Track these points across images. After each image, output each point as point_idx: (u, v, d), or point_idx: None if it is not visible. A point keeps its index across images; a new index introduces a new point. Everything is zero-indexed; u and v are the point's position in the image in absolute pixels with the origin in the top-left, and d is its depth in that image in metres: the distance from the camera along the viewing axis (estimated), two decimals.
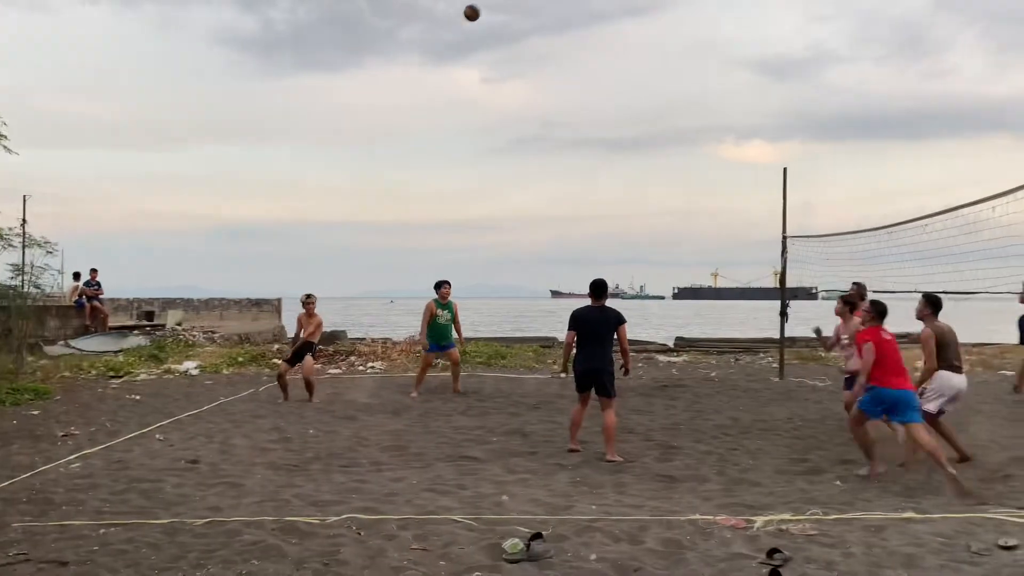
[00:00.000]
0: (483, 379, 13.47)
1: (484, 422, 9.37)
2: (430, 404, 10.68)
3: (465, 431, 8.80)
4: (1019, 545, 4.56)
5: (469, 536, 4.89)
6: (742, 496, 6.07)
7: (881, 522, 5.11)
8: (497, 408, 10.38)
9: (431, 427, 9.06)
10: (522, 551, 4.51)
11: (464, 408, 10.39)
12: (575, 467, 7.09)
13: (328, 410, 10.24)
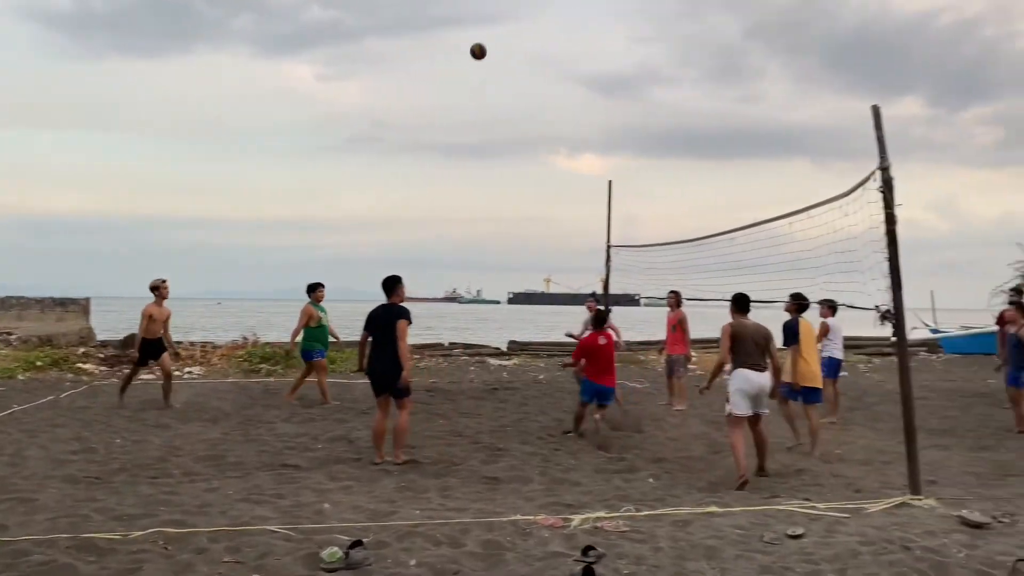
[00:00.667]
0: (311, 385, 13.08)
1: (308, 429, 9.10)
2: (251, 411, 10.25)
3: (288, 438, 8.51)
4: (805, 534, 4.97)
5: (286, 547, 4.72)
6: (562, 495, 6.26)
7: (688, 516, 5.42)
8: (323, 414, 10.12)
9: (251, 435, 8.70)
10: (340, 559, 4.41)
11: (288, 415, 10.05)
12: (401, 472, 7.02)
13: (138, 418, 9.57)
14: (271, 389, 12.26)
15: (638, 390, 13.06)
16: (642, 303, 16.89)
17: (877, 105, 6.22)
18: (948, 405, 11.74)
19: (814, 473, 7.25)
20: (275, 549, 4.65)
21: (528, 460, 7.62)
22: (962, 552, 4.56)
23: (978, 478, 7.20)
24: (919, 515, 5.43)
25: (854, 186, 6.51)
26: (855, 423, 10.26)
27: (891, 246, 6.12)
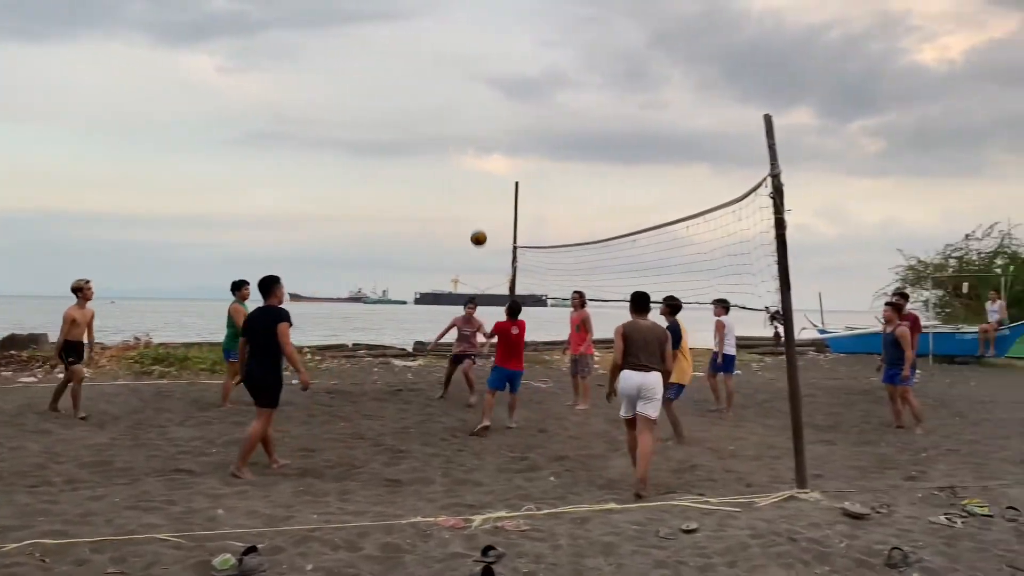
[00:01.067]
0: (207, 387, 12.65)
1: (204, 432, 8.79)
2: (141, 415, 9.81)
3: (181, 443, 8.20)
4: (699, 528, 5.12)
5: (175, 555, 4.54)
6: (464, 496, 6.26)
7: (586, 514, 5.50)
8: (220, 417, 9.78)
9: (141, 439, 8.33)
10: (233, 566, 4.28)
11: (182, 418, 9.68)
12: (299, 476, 6.87)
13: (16, 423, 9.01)
14: (164, 391, 11.78)
15: (542, 389, 13.18)
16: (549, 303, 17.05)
17: (769, 115, 6.47)
18: (834, 402, 12.32)
19: (708, 468, 7.49)
20: (163, 558, 4.47)
21: (430, 461, 7.58)
22: (843, 542, 4.79)
23: (860, 471, 7.58)
24: (805, 508, 5.67)
25: (747, 192, 6.75)
26: (747, 420, 10.65)
27: (780, 250, 6.37)
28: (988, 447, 8.85)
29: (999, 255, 24.99)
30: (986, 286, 21.30)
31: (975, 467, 7.76)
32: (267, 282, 7.11)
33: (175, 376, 13.85)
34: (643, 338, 6.83)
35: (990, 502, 5.86)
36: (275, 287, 7.10)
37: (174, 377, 13.75)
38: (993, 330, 18.14)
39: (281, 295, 7.17)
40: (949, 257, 25.71)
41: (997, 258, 24.92)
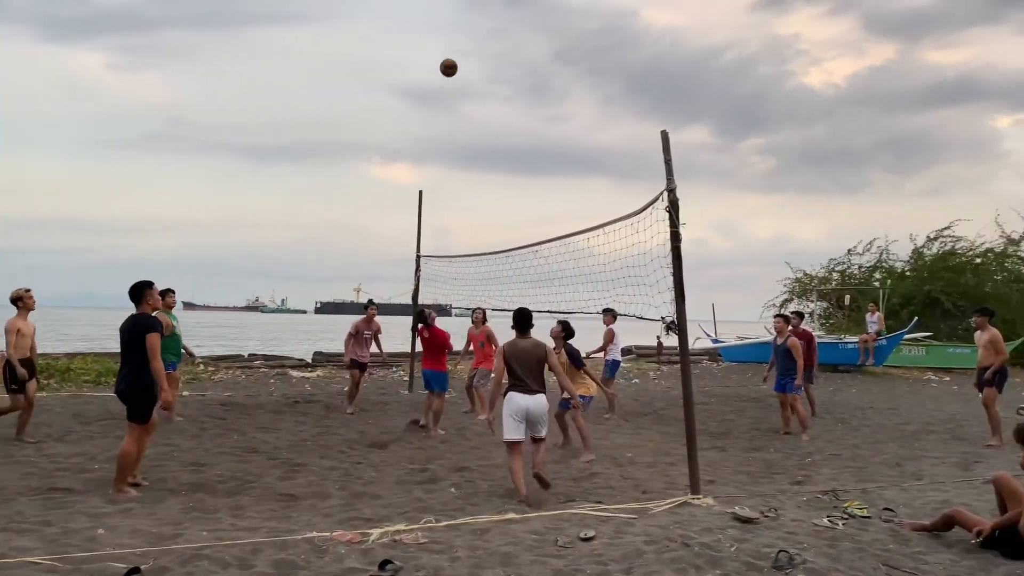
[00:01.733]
0: (90, 399, 12.02)
1: (85, 448, 8.33)
2: (13, 431, 9.21)
3: (59, 460, 7.74)
4: (596, 536, 5.19)
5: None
6: (362, 509, 6.14)
7: (486, 525, 5.49)
8: (102, 432, 9.30)
9: (16, 456, 7.83)
10: None
11: (61, 433, 9.16)
12: (188, 492, 6.60)
13: None
14: (43, 405, 11.11)
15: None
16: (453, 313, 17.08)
17: (665, 131, 6.66)
18: (726, 409, 12.75)
19: (606, 476, 7.60)
20: None
21: (328, 475, 7.41)
22: (734, 546, 4.95)
23: (750, 476, 7.86)
24: (698, 513, 5.83)
25: (644, 206, 6.92)
26: (645, 427, 10.90)
27: (676, 262, 6.56)
28: (867, 451, 9.34)
29: (878, 269, 26.51)
30: (866, 298, 22.53)
31: (856, 471, 8.16)
32: (138, 288, 6.66)
33: (55, 389, 13.11)
34: (526, 360, 6.85)
35: (868, 504, 6.18)
36: (147, 293, 6.66)
37: (54, 390, 13.01)
38: (872, 340, 19.18)
39: (154, 302, 6.79)
40: (833, 271, 27.08)
41: (876, 272, 26.42)
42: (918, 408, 13.46)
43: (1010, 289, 23.63)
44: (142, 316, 6.60)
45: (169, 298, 10.15)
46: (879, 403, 14.09)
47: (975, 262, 24.84)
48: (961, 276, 23.85)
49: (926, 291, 23.55)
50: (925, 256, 25.57)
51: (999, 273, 24.97)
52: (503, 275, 12.76)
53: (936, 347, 21.47)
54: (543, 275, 10.98)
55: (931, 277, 24.25)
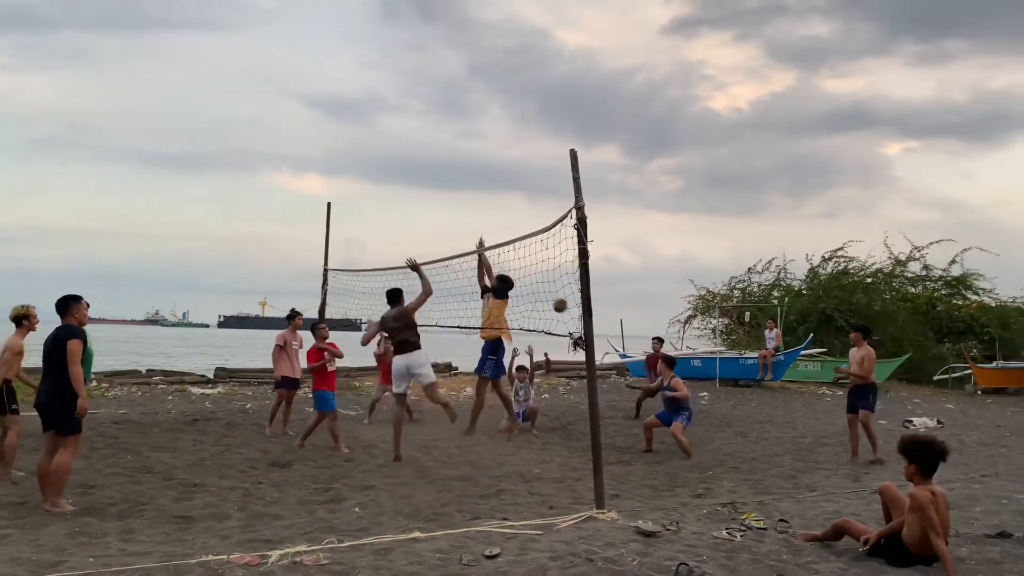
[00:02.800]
0: None
1: None
2: None
3: None
4: (501, 553, 5.18)
5: None
6: (262, 531, 5.96)
7: (390, 544, 5.40)
8: None
9: None
10: None
11: None
12: (75, 516, 6.26)
13: None
14: None
15: (351, 417, 12.90)
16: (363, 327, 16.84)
17: (574, 150, 6.77)
18: (632, 424, 12.97)
19: (513, 493, 7.62)
20: None
21: (227, 495, 7.16)
22: (636, 560, 5.01)
23: (653, 489, 8.02)
24: (602, 528, 5.89)
25: (553, 222, 7.01)
26: (553, 443, 10.98)
27: (583, 278, 6.65)
28: (765, 464, 9.67)
29: (776, 287, 27.61)
30: (765, 315, 23.39)
31: (754, 483, 8.43)
32: (64, 302, 6.73)
33: None
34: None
35: (765, 516, 6.38)
36: (72, 307, 6.73)
37: None
38: (770, 356, 19.91)
39: (81, 316, 6.77)
40: (734, 288, 28.05)
41: (774, 290, 27.51)
42: (813, 421, 14.02)
43: (897, 307, 24.96)
44: (67, 325, 6.59)
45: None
46: (777, 417, 14.61)
47: (866, 281, 26.15)
48: (853, 295, 25.05)
49: (821, 308, 24.63)
50: (820, 275, 26.76)
51: (887, 292, 26.36)
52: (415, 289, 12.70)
53: (830, 362, 22.43)
54: (455, 289, 10.98)
55: (825, 295, 25.38)
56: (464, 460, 9.44)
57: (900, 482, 5.71)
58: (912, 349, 22.94)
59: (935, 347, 25.12)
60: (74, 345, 6.44)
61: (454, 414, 9.68)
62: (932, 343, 25.17)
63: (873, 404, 10.05)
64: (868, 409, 9.92)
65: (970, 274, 26.33)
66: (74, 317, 6.68)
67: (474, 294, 11.20)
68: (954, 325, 25.83)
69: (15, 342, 7.78)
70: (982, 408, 17.49)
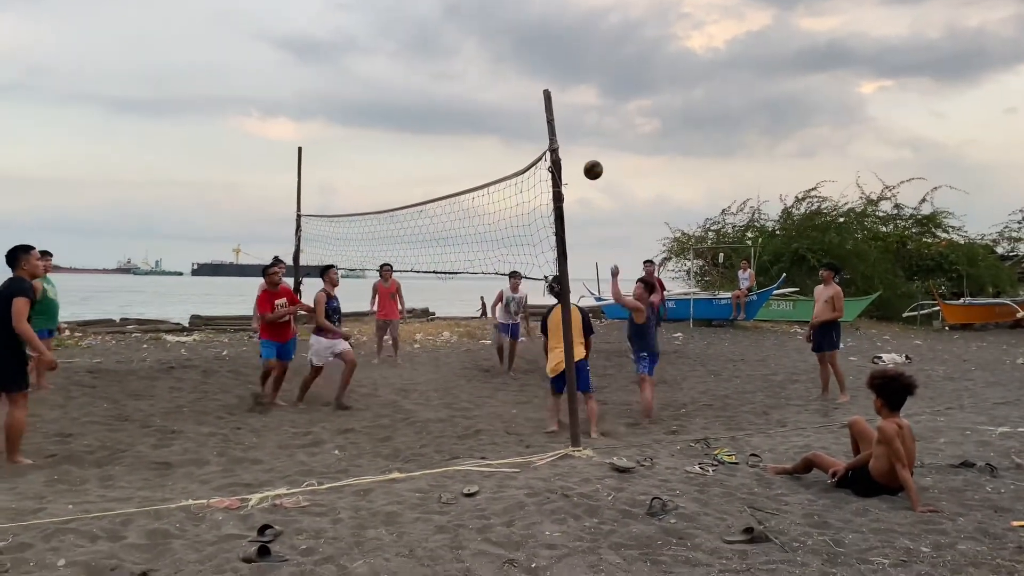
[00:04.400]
0: None
1: None
2: None
3: None
4: (479, 491, 5.27)
5: None
6: (241, 475, 6.02)
7: (369, 485, 5.48)
8: None
9: None
10: None
11: None
12: (53, 464, 6.27)
13: None
14: None
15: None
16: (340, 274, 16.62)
17: (548, 90, 6.68)
18: (607, 364, 13.12)
19: (491, 433, 7.72)
20: None
21: (205, 441, 7.20)
22: (611, 495, 5.13)
23: (628, 427, 8.16)
24: (578, 465, 6.00)
25: (527, 166, 6.96)
26: (530, 384, 11.10)
27: (558, 222, 6.64)
28: (737, 401, 9.86)
29: (750, 228, 27.74)
30: (739, 256, 23.57)
31: (726, 420, 8.61)
32: (13, 253, 6.44)
33: None
34: None
35: (737, 451, 6.53)
36: (22, 258, 6.41)
37: None
38: (744, 296, 20.12)
39: (32, 268, 6.49)
40: (709, 230, 28.15)
41: (748, 231, 27.65)
42: (784, 359, 14.26)
43: (869, 246, 25.21)
44: (15, 279, 6.31)
45: (47, 260, 9.43)
46: (749, 355, 14.84)
47: (838, 221, 26.35)
48: (825, 234, 25.24)
49: (794, 249, 24.82)
50: (793, 216, 26.91)
51: (859, 231, 26.59)
52: (388, 235, 12.61)
53: (802, 302, 22.73)
54: (429, 235, 10.90)
55: (798, 235, 25.55)
56: (442, 403, 9.53)
57: (869, 416, 5.86)
58: (882, 287, 23.26)
59: (904, 285, 25.49)
60: (20, 304, 6.17)
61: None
62: (902, 281, 25.52)
63: (838, 341, 10.15)
64: (833, 347, 10.04)
65: (940, 212, 26.60)
66: (24, 269, 6.41)
67: (448, 239, 11.13)
68: (923, 263, 26.18)
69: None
70: (949, 343, 17.87)
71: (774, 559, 4.03)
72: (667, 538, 4.33)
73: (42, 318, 9.16)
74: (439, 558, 4.01)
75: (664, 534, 4.39)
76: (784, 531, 4.45)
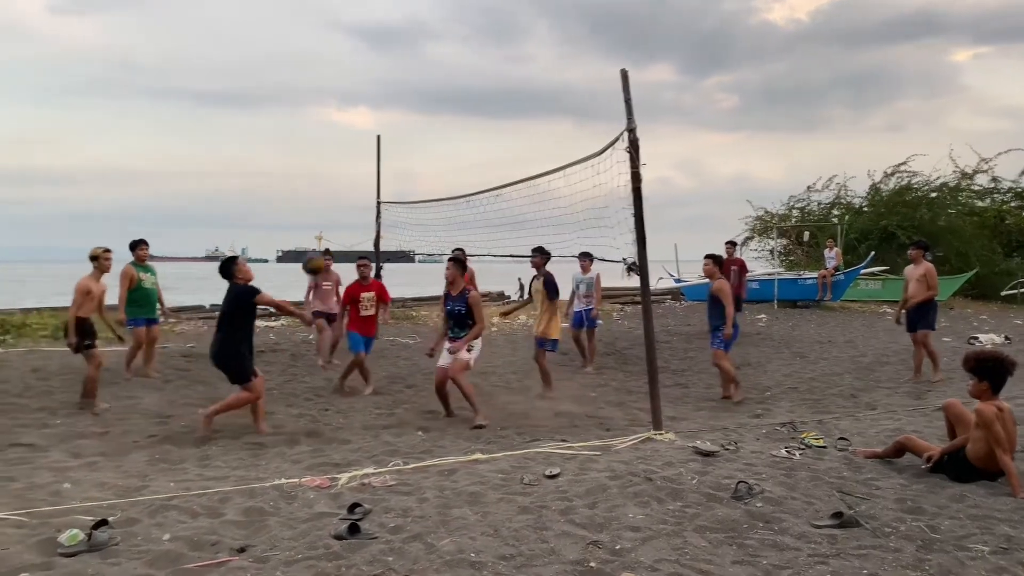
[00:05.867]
0: (48, 355, 11.83)
1: (46, 403, 8.23)
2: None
3: (20, 415, 7.65)
4: (561, 473, 5.30)
5: (17, 534, 4.26)
6: (330, 455, 6.20)
7: (453, 466, 5.57)
8: (63, 387, 9.18)
9: None
10: (82, 542, 4.06)
11: (20, 389, 9.02)
12: (154, 444, 6.59)
13: None
14: (1, 362, 10.93)
15: (410, 346, 13.16)
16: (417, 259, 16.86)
17: (625, 69, 6.61)
18: (688, 347, 12.97)
19: (571, 416, 7.73)
20: (3, 538, 4.18)
21: (295, 422, 7.44)
22: (695, 479, 5.09)
23: (711, 411, 8.06)
24: (660, 448, 5.97)
25: (604, 147, 6.90)
26: (608, 367, 11.06)
27: (636, 203, 6.58)
28: (824, 384, 9.61)
29: (836, 205, 26.88)
30: (824, 235, 22.87)
31: (812, 403, 8.40)
32: (225, 265, 7.12)
33: (12, 344, 12.87)
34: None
35: (824, 434, 6.38)
36: (234, 268, 7.09)
37: (10, 346, 12.77)
38: (830, 275, 19.54)
39: (245, 273, 7.12)
40: (792, 208, 27.40)
41: (834, 208, 26.80)
42: (873, 340, 13.82)
43: (964, 222, 24.12)
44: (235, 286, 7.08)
45: (143, 250, 9.89)
46: (836, 337, 14.43)
47: (930, 196, 25.28)
48: (916, 210, 24.27)
49: (882, 226, 23.96)
50: (882, 191, 25.94)
51: (953, 207, 25.46)
52: (466, 220, 12.73)
53: (892, 281, 21.94)
54: (505, 219, 10.97)
55: (887, 212, 24.65)
56: (521, 385, 9.59)
57: (964, 399, 5.64)
58: (979, 264, 22.24)
59: (1003, 262, 24.29)
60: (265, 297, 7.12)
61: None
62: (1000, 257, 24.33)
63: (933, 322, 9.78)
64: (928, 327, 9.69)
65: None
66: (237, 277, 7.06)
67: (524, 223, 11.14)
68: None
69: (84, 284, 8.22)
70: None
71: (865, 544, 3.93)
72: (753, 522, 4.27)
73: (140, 307, 9.64)
74: (523, 538, 4.05)
75: (750, 518, 4.33)
76: (875, 516, 4.34)
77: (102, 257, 8.45)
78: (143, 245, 9.92)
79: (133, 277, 9.57)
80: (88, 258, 8.49)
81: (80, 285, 8.19)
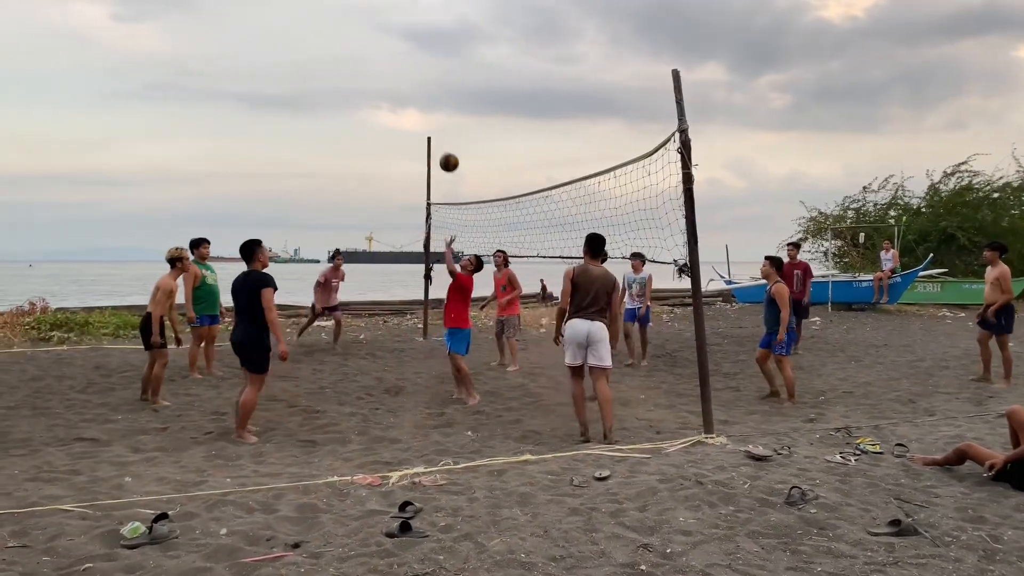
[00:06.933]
0: (109, 352, 12.20)
1: (107, 399, 8.50)
2: (40, 383, 9.40)
3: (83, 410, 7.92)
4: (611, 475, 5.28)
5: (81, 525, 4.40)
6: (381, 454, 6.27)
7: (503, 466, 5.60)
8: (124, 384, 9.47)
9: (39, 407, 8.00)
10: (143, 534, 4.18)
11: (84, 385, 9.33)
12: (211, 440, 6.75)
13: None
14: (64, 359, 11.31)
15: None
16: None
17: (677, 70, 6.55)
18: (739, 350, 12.79)
19: (621, 417, 7.68)
20: (68, 529, 4.33)
21: (347, 421, 7.55)
22: (747, 483, 5.02)
23: (763, 415, 7.93)
24: (711, 452, 5.91)
25: (656, 147, 6.85)
26: (658, 369, 10.97)
27: (688, 203, 6.52)
28: (880, 388, 9.38)
29: (893, 206, 26.25)
30: (881, 236, 22.36)
31: (868, 408, 8.22)
32: (249, 247, 6.97)
33: (75, 342, 13.30)
34: (593, 286, 6.78)
35: (881, 440, 6.24)
36: (257, 251, 7.00)
37: (74, 343, 13.20)
38: (887, 278, 19.09)
39: (264, 259, 7.08)
40: (848, 208, 26.85)
41: (891, 209, 26.17)
42: (932, 344, 13.46)
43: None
44: (253, 272, 6.92)
45: (204, 248, 10.06)
46: (893, 341, 14.09)
47: (992, 197, 24.53)
48: (978, 211, 23.59)
49: (942, 227, 23.34)
50: (941, 192, 25.26)
51: (1016, 208, 24.67)
52: (515, 221, 12.74)
53: (951, 283, 21.36)
54: (555, 220, 10.93)
55: (947, 213, 24.00)
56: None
57: None
58: None
59: None
60: (268, 294, 6.78)
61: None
62: None
63: (1009, 324, 9.54)
64: (1003, 331, 9.50)
65: None
66: (258, 261, 6.95)
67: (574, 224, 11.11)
68: None
69: (168, 282, 8.50)
70: None
71: (924, 553, 3.84)
72: (807, 528, 4.20)
73: (204, 304, 9.86)
74: (573, 540, 4.05)
75: (804, 524, 4.26)
76: (935, 524, 4.23)
77: (185, 258, 8.81)
78: (205, 243, 10.08)
79: (197, 275, 9.77)
80: (166, 260, 8.72)
81: (163, 284, 8.44)
